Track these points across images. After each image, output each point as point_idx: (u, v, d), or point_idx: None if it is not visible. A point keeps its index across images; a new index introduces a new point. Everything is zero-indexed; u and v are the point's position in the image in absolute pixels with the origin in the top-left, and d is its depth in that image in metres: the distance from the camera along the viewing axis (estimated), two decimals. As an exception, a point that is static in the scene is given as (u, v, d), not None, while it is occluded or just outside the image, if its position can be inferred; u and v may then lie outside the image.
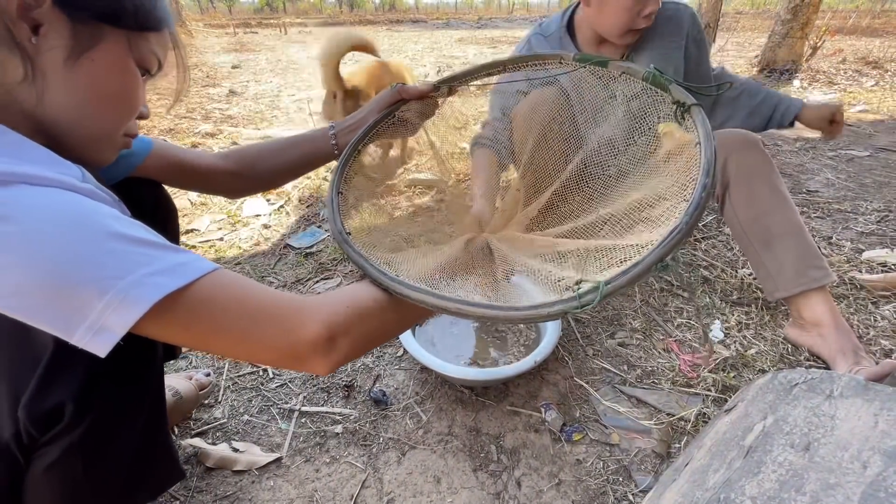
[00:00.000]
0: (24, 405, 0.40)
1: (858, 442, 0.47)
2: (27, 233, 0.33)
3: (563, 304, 0.46)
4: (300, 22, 11.73)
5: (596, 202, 0.77)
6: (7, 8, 0.36)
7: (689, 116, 0.61)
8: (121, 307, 0.35)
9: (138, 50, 0.45)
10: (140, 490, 0.56)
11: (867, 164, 2.13)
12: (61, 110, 0.42)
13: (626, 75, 0.73)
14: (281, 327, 0.43)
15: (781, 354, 1.03)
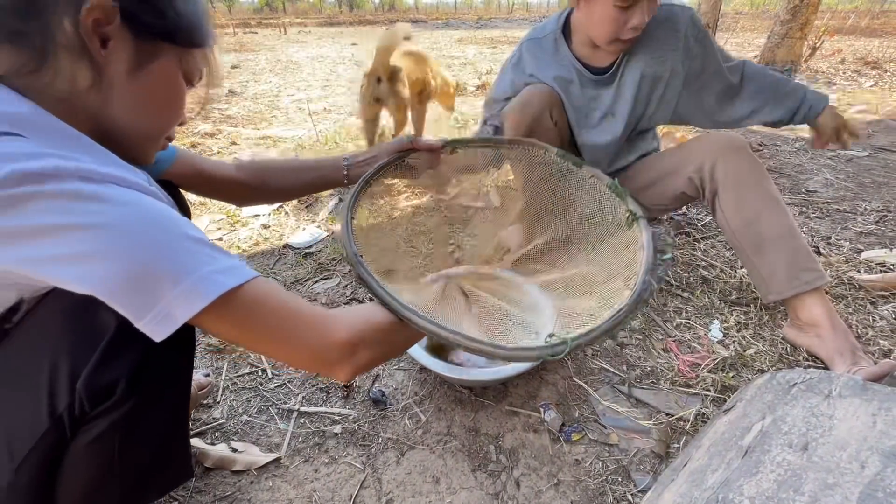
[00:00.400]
0: (84, 378, 0.44)
1: (857, 442, 0.47)
2: (118, 227, 0.38)
3: (540, 350, 0.58)
4: (300, 22, 11.73)
5: (559, 265, 0.98)
6: (84, 23, 0.42)
7: (637, 224, 0.82)
8: (188, 299, 0.40)
9: (186, 64, 0.52)
10: (153, 483, 0.58)
11: (866, 165, 2.14)
12: (121, 115, 0.48)
13: (595, 178, 0.93)
14: (315, 332, 0.49)
15: (780, 354, 1.03)
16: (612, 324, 0.63)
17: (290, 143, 2.57)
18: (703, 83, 1.13)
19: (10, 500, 0.45)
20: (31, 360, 0.45)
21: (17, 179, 0.36)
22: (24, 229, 0.36)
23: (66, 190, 0.37)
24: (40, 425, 0.44)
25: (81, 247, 0.37)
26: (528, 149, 1.02)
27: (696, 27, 1.09)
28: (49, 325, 0.45)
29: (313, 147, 2.49)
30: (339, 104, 3.58)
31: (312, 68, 5.23)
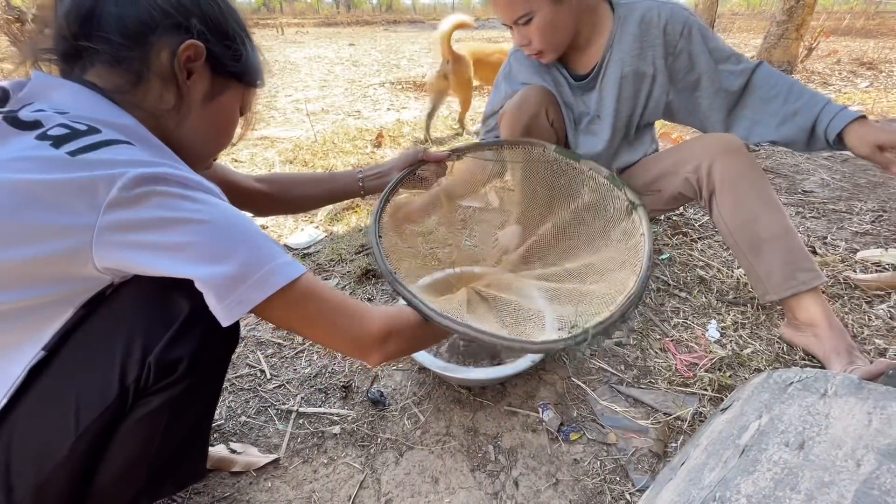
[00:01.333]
0: (158, 352, 0.48)
1: (852, 440, 0.47)
2: (212, 223, 0.46)
3: (566, 342, 0.64)
4: (297, 22, 11.72)
5: (566, 256, 1.02)
6: (179, 57, 0.51)
7: (636, 212, 0.87)
8: (261, 286, 0.47)
9: (244, 99, 0.62)
10: (171, 476, 0.61)
11: (862, 165, 2.15)
12: (188, 135, 0.57)
13: (593, 171, 0.97)
14: (356, 321, 0.57)
15: (777, 354, 1.03)
16: (625, 308, 0.68)
17: (287, 144, 2.57)
18: (694, 83, 1.08)
19: (64, 466, 0.48)
20: (110, 334, 0.49)
21: (144, 180, 0.43)
22: (147, 220, 0.43)
23: (175, 191, 0.45)
24: (110, 393, 0.48)
25: (187, 237, 0.45)
26: (527, 148, 1.05)
27: (676, 22, 1.03)
28: (129, 304, 0.49)
29: (311, 147, 2.48)
30: (336, 104, 3.57)
31: (310, 69, 5.23)
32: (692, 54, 1.04)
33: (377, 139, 2.59)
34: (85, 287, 0.47)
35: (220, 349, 0.56)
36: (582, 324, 0.67)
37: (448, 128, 2.85)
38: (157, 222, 0.44)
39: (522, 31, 0.96)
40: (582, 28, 1.01)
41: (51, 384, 0.47)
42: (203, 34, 0.52)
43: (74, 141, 0.44)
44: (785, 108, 1.01)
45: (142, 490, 0.56)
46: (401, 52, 6.70)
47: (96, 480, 0.51)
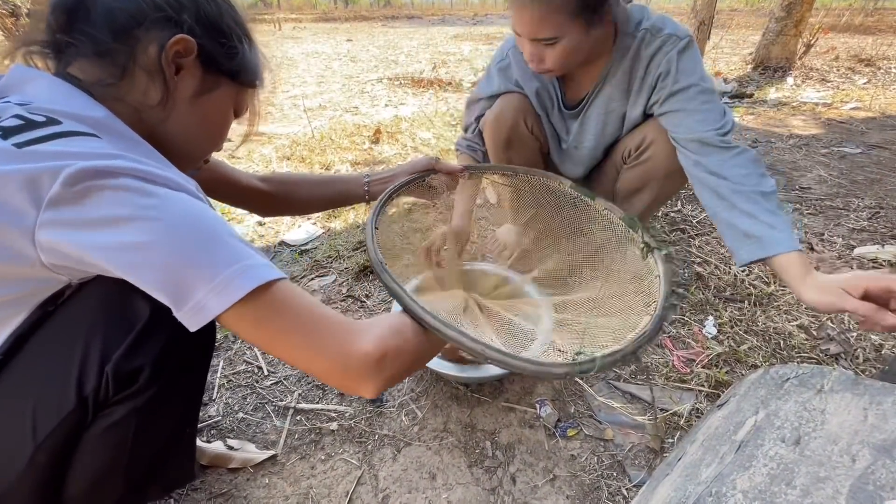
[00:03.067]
0: (115, 361, 0.45)
1: (848, 436, 0.47)
2: (168, 222, 0.42)
3: (570, 367, 0.60)
4: (294, 18, 11.64)
5: (575, 285, 1.01)
6: (167, 52, 0.49)
7: (652, 256, 0.83)
8: (223, 291, 0.42)
9: (238, 99, 0.60)
10: (156, 481, 0.59)
11: (859, 161, 2.15)
12: (175, 132, 0.54)
13: (608, 211, 0.94)
14: (339, 339, 0.47)
15: (774, 350, 1.04)
16: (637, 345, 0.64)
17: (285, 140, 2.56)
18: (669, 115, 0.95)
19: (27, 477, 0.46)
20: (67, 340, 0.46)
21: (91, 174, 0.40)
22: (93, 219, 0.40)
23: (129, 186, 0.41)
24: (67, 404, 0.45)
25: (138, 237, 0.40)
26: (542, 179, 1.03)
27: (668, 75, 0.92)
28: (87, 308, 0.47)
29: (308, 144, 2.47)
30: (334, 101, 3.56)
31: (308, 64, 5.20)
32: (672, 95, 0.93)
33: (375, 135, 2.58)
34: (38, 287, 0.44)
35: (189, 352, 0.53)
36: (589, 352, 0.64)
37: (446, 124, 2.84)
38: (102, 220, 0.40)
39: (539, 49, 0.88)
40: (593, 47, 0.94)
41: (6, 391, 0.45)
42: (195, 30, 0.50)
43: (26, 132, 0.41)
44: (729, 211, 0.83)
45: (123, 497, 0.54)
46: (399, 47, 6.67)
47: (66, 490, 0.49)
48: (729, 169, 0.85)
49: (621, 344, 0.66)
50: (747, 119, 2.91)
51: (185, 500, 0.76)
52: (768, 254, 0.76)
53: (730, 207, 0.82)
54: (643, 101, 0.98)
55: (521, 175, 1.04)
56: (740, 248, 0.80)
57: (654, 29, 0.92)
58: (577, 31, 0.86)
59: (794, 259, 0.73)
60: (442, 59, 5.45)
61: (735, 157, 0.86)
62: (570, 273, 1.03)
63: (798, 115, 2.95)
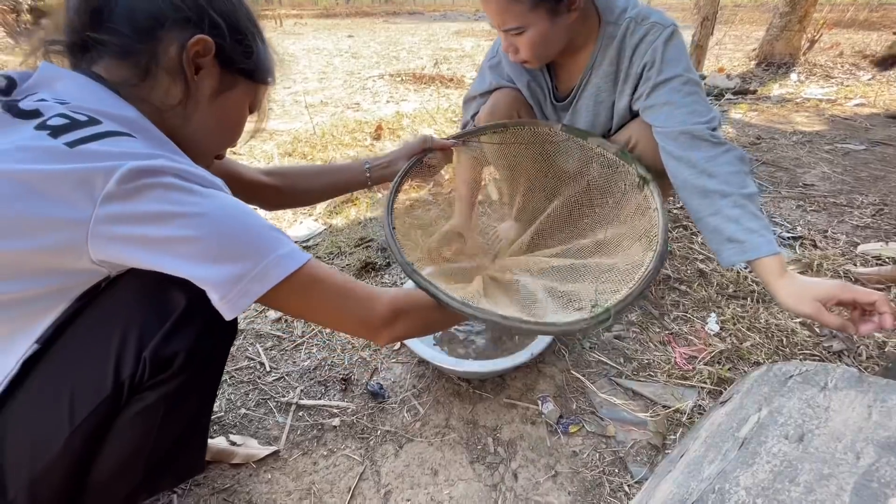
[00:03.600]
0: (153, 347, 0.48)
1: (852, 433, 0.47)
2: (211, 216, 0.45)
3: (588, 321, 0.63)
4: (296, 14, 11.60)
5: (577, 235, 1.00)
6: (187, 52, 0.51)
7: (647, 187, 0.86)
8: (264, 277, 0.47)
9: (254, 96, 0.62)
10: (169, 471, 0.60)
11: (863, 158, 2.14)
12: (195, 131, 0.56)
13: (602, 148, 0.97)
14: (363, 303, 0.58)
15: (776, 347, 1.03)
16: (644, 285, 0.67)
17: (286, 136, 2.55)
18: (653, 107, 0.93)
19: (61, 459, 0.47)
20: (105, 328, 0.48)
21: (141, 173, 0.43)
22: (145, 213, 0.43)
23: (174, 184, 0.44)
24: (104, 389, 0.47)
25: (185, 231, 0.44)
26: (533, 128, 1.03)
27: (653, 65, 0.90)
28: (124, 298, 0.49)
29: (310, 140, 2.47)
30: (335, 97, 3.55)
31: (309, 60, 5.19)
32: (657, 86, 0.92)
33: (376, 131, 2.57)
34: (80, 280, 0.46)
35: (217, 343, 0.55)
36: (602, 303, 0.66)
37: (448, 120, 2.83)
38: (153, 216, 0.43)
39: (511, 40, 0.91)
40: (575, 36, 0.94)
41: (45, 378, 0.47)
42: (213, 30, 0.52)
43: (73, 132, 0.43)
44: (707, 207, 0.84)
45: (140, 484, 0.56)
46: (400, 43, 6.64)
47: (92, 475, 0.51)
48: (718, 166, 0.84)
49: (630, 286, 0.67)
50: (750, 115, 2.89)
51: (188, 495, 0.76)
52: (750, 258, 0.79)
53: (714, 212, 0.83)
54: (629, 91, 0.98)
55: (511, 128, 1.04)
56: (723, 251, 0.83)
57: (638, 17, 0.92)
58: (541, 19, 0.86)
59: (771, 262, 0.77)
60: (443, 55, 5.42)
61: (724, 153, 0.85)
62: (573, 219, 1.04)
63: (802, 112, 2.94)
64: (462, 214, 1.10)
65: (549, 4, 0.84)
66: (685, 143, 0.87)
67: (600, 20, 0.94)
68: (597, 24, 0.95)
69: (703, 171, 0.85)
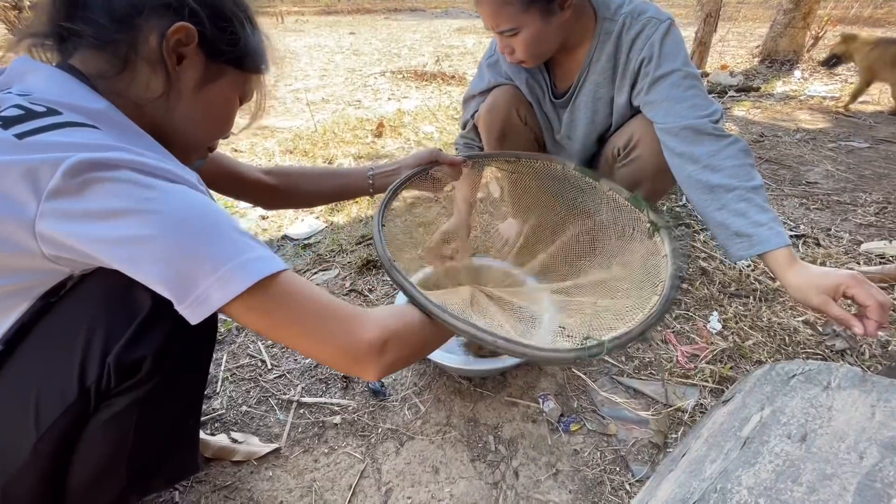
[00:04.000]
0: (116, 352, 0.45)
1: (855, 433, 0.47)
2: (168, 214, 0.41)
3: (578, 352, 0.60)
4: (297, 10, 11.57)
5: (578, 273, 0.99)
6: (168, 41, 0.47)
7: (659, 234, 0.83)
8: (225, 284, 0.42)
9: (244, 86, 0.58)
10: (159, 473, 0.59)
11: (867, 156, 2.13)
12: (180, 123, 0.53)
13: (613, 192, 0.94)
14: (343, 327, 0.49)
15: (779, 346, 1.03)
16: (646, 326, 0.65)
17: (287, 134, 2.55)
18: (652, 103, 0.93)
19: (30, 467, 0.46)
20: (69, 331, 0.46)
21: (91, 166, 0.39)
22: (93, 210, 0.39)
23: (129, 178, 0.41)
24: (69, 395, 0.45)
25: (138, 230, 0.40)
26: (546, 163, 1.03)
27: (651, 60, 0.89)
28: (89, 300, 0.46)
29: (311, 137, 2.47)
30: (337, 94, 3.54)
31: (310, 57, 5.18)
32: (655, 81, 0.91)
33: (378, 129, 2.57)
34: (40, 278, 0.44)
35: (193, 344, 0.53)
36: (597, 336, 0.65)
37: (449, 118, 2.82)
38: (102, 212, 0.40)
39: (506, 41, 0.90)
40: (571, 34, 0.94)
41: (9, 381, 0.45)
42: (196, 17, 0.48)
43: (26, 123, 0.40)
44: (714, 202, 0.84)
45: (126, 488, 0.54)
46: (402, 41, 6.62)
47: (69, 481, 0.49)
48: (722, 160, 0.84)
49: (629, 325, 0.66)
50: (753, 113, 2.88)
51: (189, 493, 0.76)
52: (759, 251, 0.79)
53: (720, 207, 0.83)
54: (628, 87, 0.97)
55: (524, 160, 1.03)
56: (731, 246, 0.82)
57: (634, 13, 0.92)
58: (535, 20, 0.86)
59: (781, 254, 0.77)
60: (445, 53, 5.41)
61: (727, 146, 0.85)
62: (577, 257, 1.03)
63: (805, 109, 2.92)
64: (461, 214, 1.09)
65: (542, 5, 0.84)
66: (688, 139, 0.87)
67: (596, 16, 0.94)
68: (593, 21, 0.94)
69: (708, 167, 0.84)
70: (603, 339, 0.62)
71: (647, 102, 0.93)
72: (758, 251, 0.79)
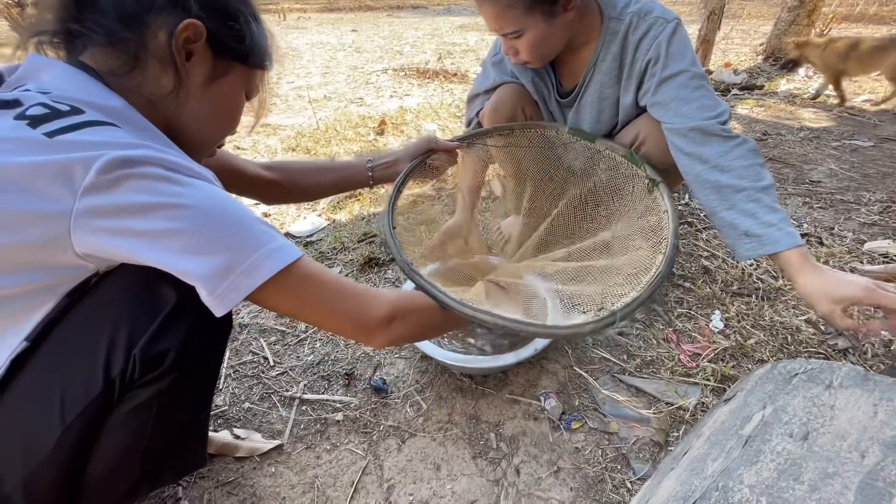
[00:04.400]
0: (142, 345, 0.47)
1: (857, 432, 0.47)
2: (199, 211, 0.44)
3: (594, 324, 0.63)
4: (299, 7, 11.55)
5: (584, 237, 0.99)
6: (177, 38, 0.49)
7: (657, 189, 0.86)
8: (253, 273, 0.45)
9: (249, 82, 0.60)
10: (169, 466, 0.60)
11: (871, 155, 2.12)
12: (189, 120, 0.55)
13: (610, 150, 0.97)
14: (358, 304, 0.55)
15: (781, 345, 1.03)
16: (652, 288, 0.66)
17: (290, 131, 2.55)
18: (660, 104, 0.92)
19: (53, 458, 0.47)
20: (94, 325, 0.47)
21: (122, 163, 0.41)
22: (127, 205, 0.41)
23: (158, 174, 0.43)
24: (94, 387, 0.46)
25: (169, 224, 0.42)
26: (539, 130, 1.03)
27: (658, 61, 0.89)
28: (114, 294, 0.48)
29: (313, 135, 2.47)
30: (339, 91, 3.54)
31: (312, 55, 5.17)
32: (663, 81, 0.90)
33: (380, 126, 2.56)
34: (68, 275, 0.45)
35: (210, 339, 0.54)
36: (608, 307, 0.65)
37: (451, 115, 2.82)
38: (136, 207, 0.41)
39: (510, 42, 0.90)
40: (576, 34, 0.93)
41: (34, 376, 0.46)
42: (203, 14, 0.50)
43: (53, 121, 0.42)
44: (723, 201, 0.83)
45: (138, 480, 0.55)
46: (404, 38, 6.61)
47: (87, 472, 0.51)
48: (731, 160, 0.83)
49: (637, 290, 0.67)
50: (757, 111, 2.86)
51: (192, 488, 0.77)
52: (767, 252, 0.79)
53: (729, 207, 0.83)
54: (633, 87, 0.96)
55: (518, 130, 1.03)
56: (739, 246, 0.82)
57: (641, 12, 0.91)
58: (538, 22, 0.85)
59: (792, 255, 0.77)
60: (447, 50, 5.39)
61: (736, 147, 0.84)
62: (579, 220, 1.03)
63: (809, 108, 2.90)
64: (464, 211, 1.09)
65: (544, 7, 0.84)
66: (696, 140, 0.87)
67: (602, 16, 0.93)
68: (599, 20, 0.94)
69: (716, 167, 0.84)
70: (613, 308, 0.64)
71: (654, 103, 0.93)
72: (767, 251, 0.78)
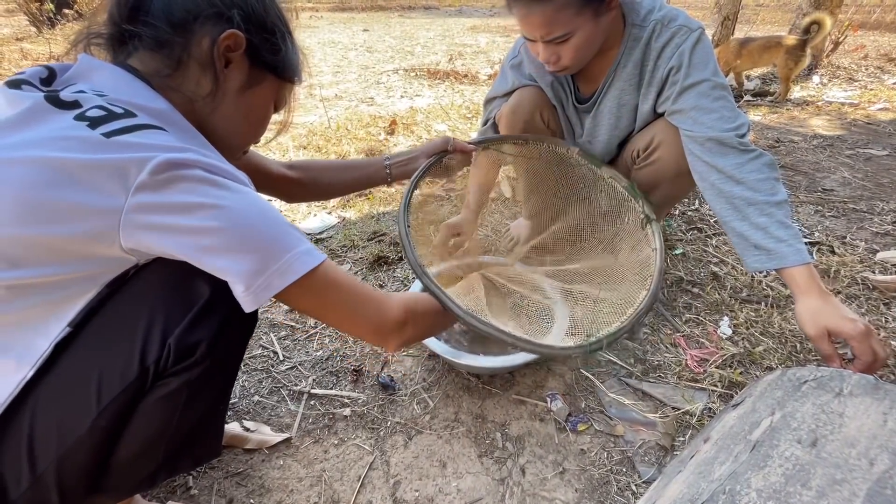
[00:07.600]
0: (178, 334, 0.49)
1: (866, 439, 0.47)
2: (239, 212, 0.47)
3: (582, 349, 0.69)
4: (311, 6, 11.62)
5: (575, 258, 1.05)
6: (219, 45, 0.53)
7: (650, 227, 0.89)
8: (285, 273, 0.49)
9: (279, 92, 0.63)
10: (187, 455, 0.61)
11: (885, 164, 2.10)
12: (222, 124, 0.59)
13: (613, 179, 1.00)
14: (376, 308, 0.59)
15: (790, 352, 1.03)
16: (633, 321, 0.71)
17: (301, 129, 2.57)
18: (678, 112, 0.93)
19: (86, 440, 0.49)
20: (132, 314, 0.50)
21: (172, 165, 0.44)
22: (173, 204, 0.45)
23: (202, 177, 0.46)
24: (130, 373, 0.49)
25: (211, 222, 0.46)
26: (551, 146, 1.05)
27: (680, 69, 0.89)
28: (152, 285, 0.51)
29: (324, 133, 2.49)
30: (350, 91, 3.56)
31: (324, 54, 5.20)
32: (684, 90, 0.91)
33: (390, 126, 2.58)
34: (111, 266, 0.48)
35: (238, 333, 0.57)
36: (596, 333, 0.70)
37: (462, 116, 2.83)
38: (182, 206, 0.45)
39: (553, 49, 0.88)
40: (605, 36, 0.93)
41: (75, 360, 0.49)
42: (244, 26, 0.54)
43: (110, 123, 0.45)
44: (738, 216, 0.84)
45: (160, 466, 0.57)
46: (415, 38, 6.63)
47: (115, 455, 0.53)
48: (746, 173, 0.84)
49: (621, 321, 0.72)
50: (770, 118, 2.84)
51: (202, 478, 0.78)
52: (775, 266, 0.80)
53: (742, 218, 0.84)
54: (653, 95, 0.96)
55: (532, 143, 1.05)
56: (748, 256, 0.83)
57: (665, 20, 0.91)
58: (587, 21, 0.85)
59: (797, 272, 0.78)
60: (458, 51, 5.40)
61: (752, 160, 0.85)
62: (575, 240, 1.07)
63: (823, 115, 2.88)
64: (469, 210, 1.10)
65: (594, 4, 0.84)
66: (712, 150, 0.87)
67: (625, 21, 0.93)
68: (621, 26, 0.94)
69: (731, 178, 0.85)
70: (601, 335, 0.70)
71: (673, 111, 0.93)
72: (774, 266, 0.79)
